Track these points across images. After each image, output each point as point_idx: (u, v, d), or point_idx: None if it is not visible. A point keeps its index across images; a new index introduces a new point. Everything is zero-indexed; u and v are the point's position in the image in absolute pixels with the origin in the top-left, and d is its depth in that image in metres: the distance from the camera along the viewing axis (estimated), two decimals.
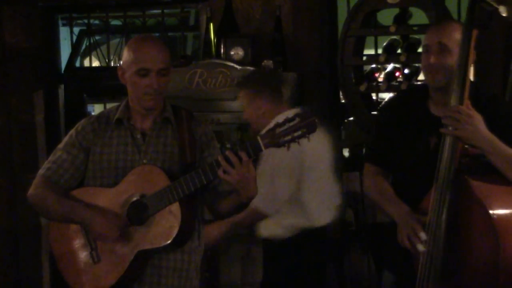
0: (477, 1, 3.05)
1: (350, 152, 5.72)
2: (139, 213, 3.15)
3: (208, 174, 3.03)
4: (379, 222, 4.99)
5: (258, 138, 2.94)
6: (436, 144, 3.14)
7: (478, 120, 3.01)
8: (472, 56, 3.09)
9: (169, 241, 3.13)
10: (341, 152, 5.63)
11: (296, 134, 2.90)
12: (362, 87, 5.09)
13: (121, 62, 3.28)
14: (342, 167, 5.34)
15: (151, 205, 3.13)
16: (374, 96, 5.40)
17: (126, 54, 3.23)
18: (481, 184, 3.03)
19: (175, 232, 3.12)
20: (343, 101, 5.41)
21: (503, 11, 3.01)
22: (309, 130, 2.89)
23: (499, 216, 2.92)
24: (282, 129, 2.91)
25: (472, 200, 2.98)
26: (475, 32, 3.06)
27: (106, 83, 6.21)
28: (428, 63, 3.26)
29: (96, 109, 7.34)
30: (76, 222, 3.23)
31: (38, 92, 5.95)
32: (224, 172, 2.96)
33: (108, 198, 3.21)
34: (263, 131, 2.98)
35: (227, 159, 2.95)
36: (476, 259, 2.97)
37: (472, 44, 3.07)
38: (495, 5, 3.01)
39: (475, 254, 2.97)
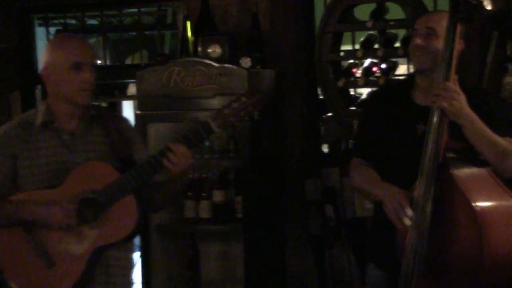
0: None
1: (329, 147, 5.73)
2: (91, 209, 3.11)
3: (154, 166, 3.08)
4: (359, 217, 5.00)
5: (209, 120, 3.03)
6: (423, 131, 3.17)
7: (463, 98, 3.06)
8: (458, 46, 3.14)
9: (127, 234, 3.13)
10: (320, 147, 5.65)
11: (243, 112, 3.02)
12: (340, 83, 5.09)
13: (44, 64, 3.21)
14: (321, 163, 5.37)
15: (104, 200, 3.09)
16: (352, 91, 5.41)
17: (51, 54, 3.19)
18: (465, 178, 3.04)
19: (133, 224, 3.12)
20: (321, 97, 5.41)
21: (487, 5, 3.03)
22: (256, 107, 3.03)
23: (482, 209, 2.93)
24: (230, 109, 3.02)
25: (456, 194, 2.99)
26: (459, 26, 3.09)
27: None
28: (415, 44, 3.31)
29: None
30: (25, 220, 3.12)
31: (15, 92, 5.92)
32: (170, 162, 3.05)
33: (54, 199, 3.13)
34: (213, 113, 3.05)
35: (173, 150, 3.05)
36: (460, 253, 2.98)
37: (457, 36, 3.09)
38: None
39: (459, 247, 2.98)
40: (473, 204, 2.94)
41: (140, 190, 3.16)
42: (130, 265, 3.36)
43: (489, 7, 3.03)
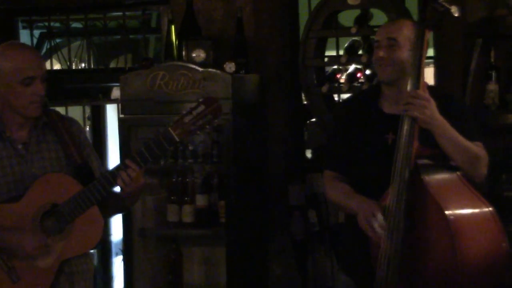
0: (429, 1, 3.08)
1: (312, 153, 5.73)
2: (55, 222, 3.08)
3: (116, 177, 3.06)
4: (342, 222, 5.00)
5: (170, 129, 3.00)
6: (393, 141, 3.17)
7: (434, 104, 3.06)
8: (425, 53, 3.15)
9: (93, 245, 3.13)
10: (304, 153, 5.66)
11: (203, 121, 2.99)
12: (324, 88, 5.10)
13: None
14: (305, 168, 5.38)
15: (68, 212, 3.06)
16: (336, 97, 5.42)
17: (0, 64, 3.11)
18: (437, 184, 3.05)
19: (99, 235, 3.11)
20: (305, 102, 5.42)
21: (455, 12, 3.04)
22: (215, 115, 3.00)
23: (454, 216, 2.94)
24: (190, 117, 2.99)
25: (428, 201, 3.00)
26: (427, 32, 3.10)
27: (68, 86, 6.18)
28: (378, 57, 3.31)
29: None
30: None
31: None
32: (123, 183, 3.04)
33: (15, 214, 3.08)
34: (172, 123, 3.02)
35: (126, 171, 3.03)
36: (434, 259, 2.98)
37: (425, 42, 3.10)
38: (446, 5, 3.04)
39: (433, 254, 2.98)
40: (445, 210, 2.94)
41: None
42: (91, 269, 3.35)
43: (456, 14, 3.03)
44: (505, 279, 3.04)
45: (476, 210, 3.05)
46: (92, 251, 3.38)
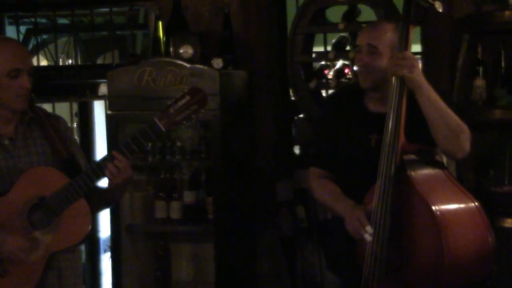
0: None
1: (300, 149, 5.74)
2: (43, 215, 3.08)
3: (104, 169, 3.07)
4: (330, 219, 5.01)
5: (156, 120, 3.02)
6: (377, 141, 3.16)
7: (420, 67, 3.07)
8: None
9: (82, 238, 3.13)
10: (292, 149, 5.66)
11: (189, 111, 3.01)
12: (312, 84, 5.10)
13: None
14: (293, 164, 5.38)
15: (55, 205, 3.07)
16: (324, 93, 5.42)
17: None
18: (423, 180, 3.06)
19: (87, 227, 3.12)
20: (293, 98, 5.42)
21: (438, 7, 3.05)
22: (201, 105, 3.02)
23: (441, 211, 2.95)
24: (175, 108, 3.01)
25: (414, 197, 3.01)
26: (411, 28, 3.10)
27: (55, 82, 6.15)
28: (358, 65, 3.32)
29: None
30: None
31: None
32: (111, 174, 3.06)
33: (2, 207, 3.08)
34: (159, 114, 3.04)
35: (113, 161, 3.05)
36: (420, 256, 3.00)
37: (410, 38, 3.10)
38: (430, 1, 3.05)
39: (419, 250, 3.00)
40: (432, 206, 2.95)
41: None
42: (80, 267, 3.36)
43: (440, 10, 3.04)
44: (491, 273, 3.07)
45: (462, 205, 3.06)
46: (80, 247, 3.38)
